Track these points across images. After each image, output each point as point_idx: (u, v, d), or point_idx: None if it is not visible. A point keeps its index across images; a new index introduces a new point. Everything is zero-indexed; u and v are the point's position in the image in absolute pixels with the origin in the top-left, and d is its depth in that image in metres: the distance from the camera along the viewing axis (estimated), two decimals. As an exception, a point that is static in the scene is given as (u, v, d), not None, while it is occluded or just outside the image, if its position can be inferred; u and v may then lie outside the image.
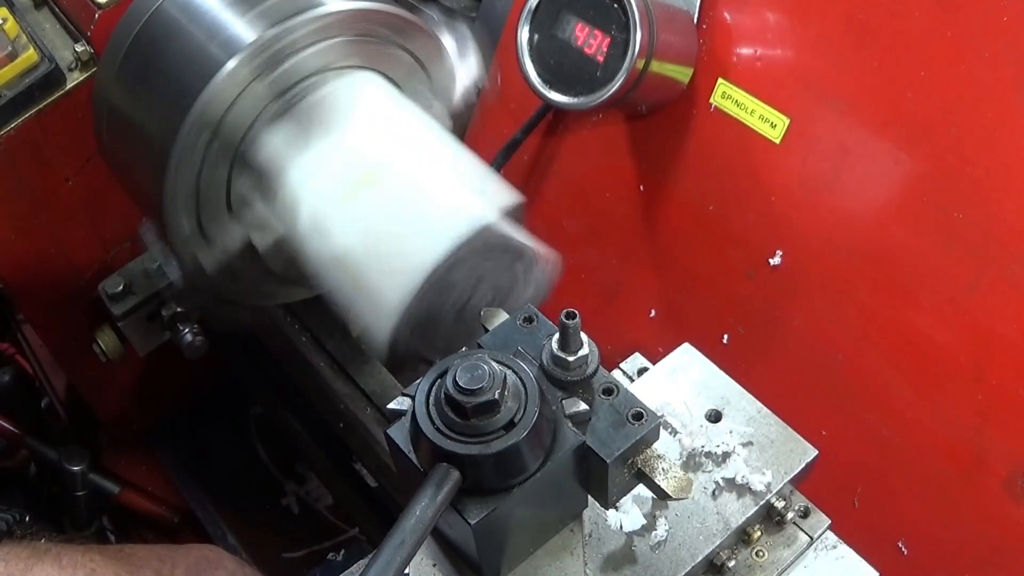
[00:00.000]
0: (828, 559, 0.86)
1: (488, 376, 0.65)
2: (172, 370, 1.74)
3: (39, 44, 1.37)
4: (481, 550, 0.71)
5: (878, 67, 1.02)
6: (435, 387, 0.68)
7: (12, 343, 1.99)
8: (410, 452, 0.70)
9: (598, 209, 1.29)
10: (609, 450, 0.70)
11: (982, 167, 0.96)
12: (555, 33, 1.12)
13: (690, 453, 0.87)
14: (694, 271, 1.20)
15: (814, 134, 1.07)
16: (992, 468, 0.97)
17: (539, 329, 0.76)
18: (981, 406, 0.97)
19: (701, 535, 0.82)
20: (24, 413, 1.86)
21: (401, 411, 0.70)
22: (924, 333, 1.00)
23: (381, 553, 0.63)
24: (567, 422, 0.70)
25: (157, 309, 1.50)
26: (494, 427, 0.66)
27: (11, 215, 1.45)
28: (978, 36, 0.95)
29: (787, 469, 0.85)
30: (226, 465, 1.97)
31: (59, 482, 1.80)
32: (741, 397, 0.90)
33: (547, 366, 0.72)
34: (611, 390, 0.72)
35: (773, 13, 1.10)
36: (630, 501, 0.83)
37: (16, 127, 1.36)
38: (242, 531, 1.83)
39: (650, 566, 0.81)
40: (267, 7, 1.04)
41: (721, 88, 1.14)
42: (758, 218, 1.12)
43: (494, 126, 1.36)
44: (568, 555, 0.78)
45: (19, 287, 1.53)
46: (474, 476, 0.67)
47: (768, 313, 1.12)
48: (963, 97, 0.96)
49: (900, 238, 1.02)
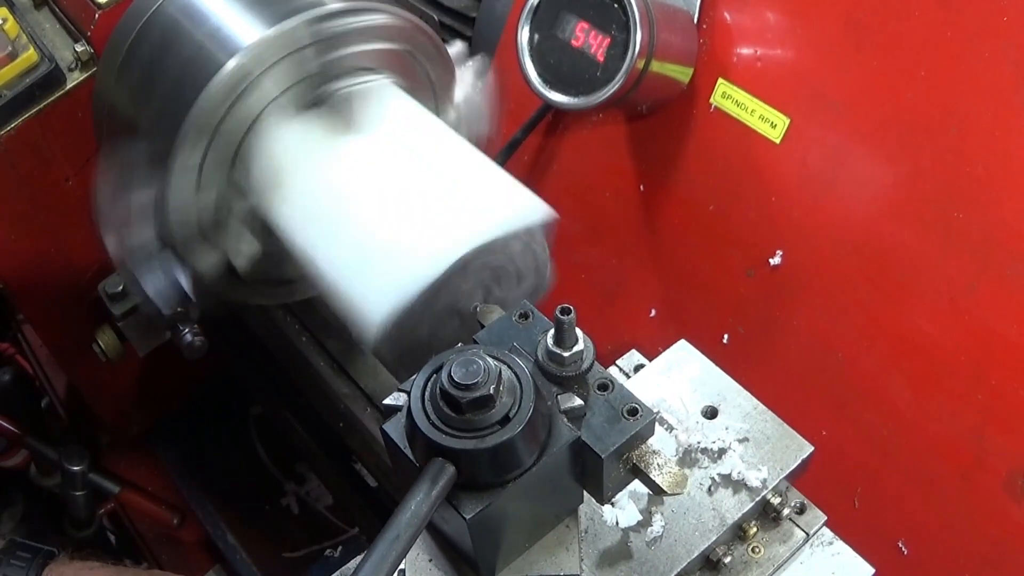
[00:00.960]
0: (824, 555, 0.86)
1: (483, 371, 0.66)
2: (172, 370, 1.74)
3: (39, 44, 1.37)
4: (477, 545, 0.72)
5: (878, 67, 1.02)
6: (430, 382, 0.68)
7: (12, 343, 1.99)
8: (406, 447, 0.70)
9: (598, 209, 1.29)
10: (604, 445, 0.70)
11: (982, 167, 0.96)
12: (555, 33, 1.12)
13: (686, 449, 0.87)
14: (694, 271, 1.20)
15: (814, 134, 1.07)
16: (992, 468, 0.97)
17: (535, 325, 0.76)
18: (981, 406, 0.97)
19: (697, 531, 0.82)
20: (24, 413, 1.86)
21: (397, 407, 0.71)
22: (924, 333, 1.00)
23: (376, 548, 0.63)
24: (562, 417, 0.71)
25: (157, 309, 1.50)
26: (489, 422, 0.66)
27: (11, 215, 1.45)
28: (978, 36, 0.95)
29: (783, 465, 0.85)
30: (226, 465, 1.97)
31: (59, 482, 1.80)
32: (737, 393, 0.90)
33: (542, 362, 0.72)
34: (606, 386, 0.72)
35: (773, 13, 1.10)
36: (626, 497, 0.83)
37: (16, 127, 1.36)
38: (242, 531, 1.83)
39: (646, 562, 0.81)
40: (267, 7, 1.04)
41: (721, 88, 1.14)
42: (758, 218, 1.12)
43: (494, 126, 1.36)
44: (564, 550, 0.78)
45: (19, 287, 1.53)
46: (469, 471, 0.67)
47: (768, 313, 1.12)
48: (963, 97, 0.96)
49: (900, 238, 1.02)
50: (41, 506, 2.00)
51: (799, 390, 1.10)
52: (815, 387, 1.09)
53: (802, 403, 1.09)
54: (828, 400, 1.08)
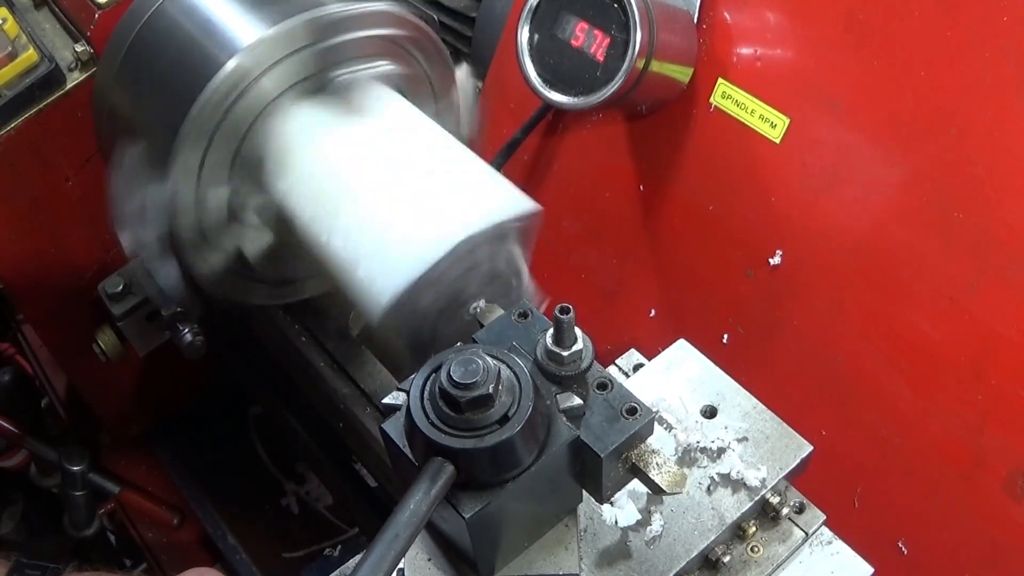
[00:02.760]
0: (823, 554, 0.86)
1: (482, 370, 0.66)
2: (172, 370, 1.74)
3: (39, 44, 1.37)
4: (476, 544, 0.72)
5: (878, 67, 1.02)
6: (429, 381, 0.68)
7: (12, 343, 1.99)
8: (405, 447, 0.70)
9: (598, 209, 1.29)
10: (603, 444, 0.70)
11: (982, 167, 0.96)
12: (555, 33, 1.12)
13: (685, 449, 0.87)
14: (694, 271, 1.20)
15: (814, 134, 1.07)
16: (992, 468, 0.97)
17: (534, 324, 0.76)
18: (981, 406, 0.97)
19: (696, 530, 0.82)
20: (24, 413, 1.87)
21: (396, 406, 0.71)
22: (924, 333, 1.00)
23: (375, 547, 0.63)
24: (561, 417, 0.71)
25: (157, 309, 1.50)
26: (488, 421, 0.66)
27: (11, 215, 1.45)
28: (978, 36, 0.95)
29: (782, 465, 0.85)
30: (226, 465, 1.97)
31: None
32: (736, 393, 0.90)
33: (541, 361, 0.72)
34: (605, 385, 0.72)
35: (773, 13, 1.10)
36: (625, 496, 0.83)
37: (16, 127, 1.37)
38: (242, 531, 1.83)
39: (645, 561, 0.81)
40: (266, 8, 1.04)
41: (721, 88, 1.14)
42: (758, 218, 1.12)
43: (494, 126, 1.36)
44: (563, 549, 0.78)
45: (19, 287, 1.53)
46: (468, 470, 0.67)
47: (768, 313, 1.12)
48: (963, 97, 0.96)
49: (900, 238, 1.02)
50: (41, 506, 2.01)
51: (799, 390, 1.10)
52: (815, 387, 1.09)
53: (802, 403, 1.09)
54: (828, 400, 1.08)
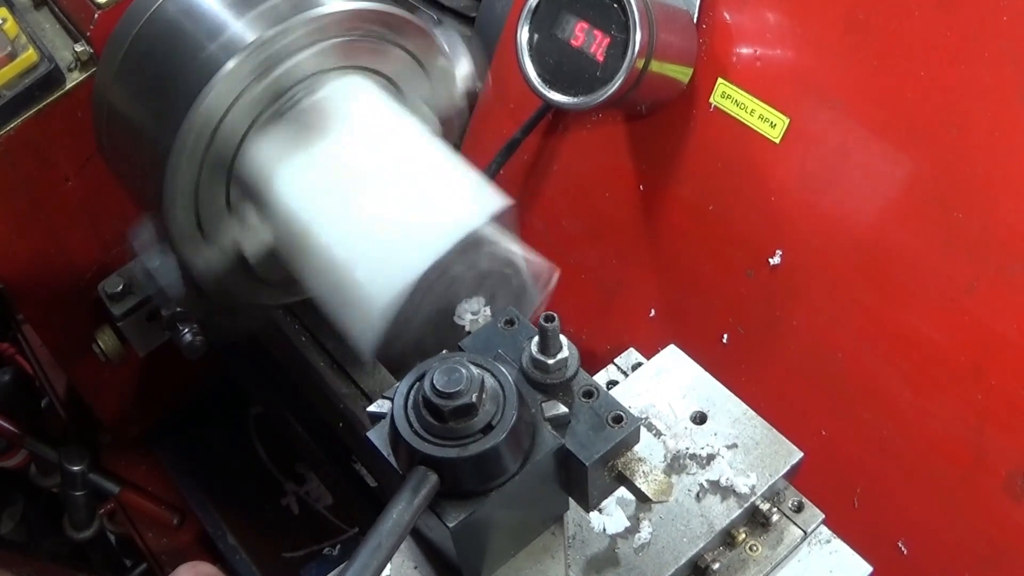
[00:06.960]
0: (822, 553, 0.86)
1: (466, 379, 0.65)
2: (172, 370, 1.74)
3: (39, 44, 1.38)
4: (460, 553, 0.71)
5: (878, 67, 1.02)
6: (413, 390, 0.68)
7: (12, 343, 1.99)
8: (389, 455, 0.69)
9: (598, 209, 1.29)
10: (588, 453, 0.69)
11: (982, 167, 0.96)
12: (555, 33, 1.12)
13: (674, 455, 0.86)
14: (694, 271, 1.20)
15: (814, 134, 1.07)
16: (992, 468, 0.97)
17: (520, 332, 0.75)
18: (981, 406, 0.97)
19: (685, 537, 0.82)
20: (24, 413, 1.87)
21: (381, 414, 0.70)
22: (924, 333, 1.00)
23: (358, 556, 0.62)
24: (546, 425, 0.70)
25: (157, 309, 1.50)
26: (472, 430, 0.66)
27: (11, 215, 1.45)
28: (978, 36, 0.95)
29: (772, 471, 0.85)
30: (226, 465, 1.97)
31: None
32: (726, 399, 0.90)
33: (527, 369, 0.71)
34: (591, 393, 0.72)
35: (773, 13, 1.10)
36: (613, 503, 0.82)
37: (16, 127, 1.37)
38: (242, 531, 1.83)
39: (633, 568, 0.80)
40: (266, 8, 1.04)
41: (721, 88, 1.14)
42: (758, 218, 1.12)
43: (494, 126, 1.36)
44: (549, 558, 0.77)
45: (19, 287, 1.53)
46: (452, 479, 0.66)
47: (768, 313, 1.12)
48: (963, 97, 0.96)
49: (900, 238, 1.02)
50: (41, 506, 2.01)
51: (799, 390, 1.10)
52: (815, 387, 1.09)
53: (802, 403, 1.09)
54: (828, 400, 1.08)
